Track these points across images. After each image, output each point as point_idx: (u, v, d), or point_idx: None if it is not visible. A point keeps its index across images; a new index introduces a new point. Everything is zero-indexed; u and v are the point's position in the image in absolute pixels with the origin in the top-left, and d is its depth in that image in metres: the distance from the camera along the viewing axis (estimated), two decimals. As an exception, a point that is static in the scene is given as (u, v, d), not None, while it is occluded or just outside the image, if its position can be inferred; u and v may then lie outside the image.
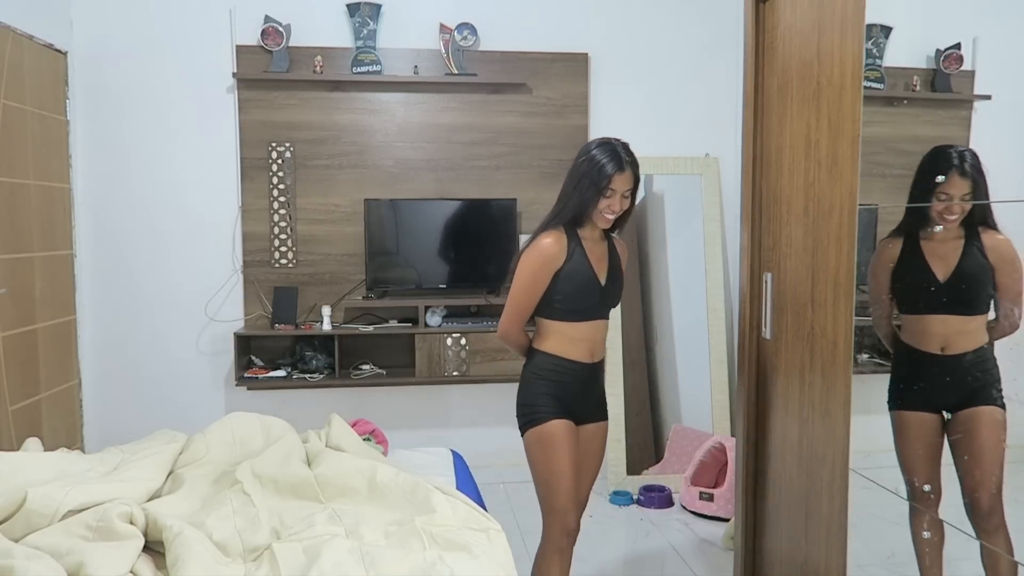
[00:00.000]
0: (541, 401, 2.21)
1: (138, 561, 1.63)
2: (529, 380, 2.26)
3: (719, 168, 4.10)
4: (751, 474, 2.66)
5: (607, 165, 2.13)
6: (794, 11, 2.32)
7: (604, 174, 2.13)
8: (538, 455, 2.21)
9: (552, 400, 2.21)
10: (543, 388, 2.22)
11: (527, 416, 2.24)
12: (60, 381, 3.64)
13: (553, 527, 2.22)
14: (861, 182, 2.00)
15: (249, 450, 2.27)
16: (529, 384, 2.25)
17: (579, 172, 2.17)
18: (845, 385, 2.07)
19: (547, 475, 2.20)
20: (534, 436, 2.22)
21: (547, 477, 2.20)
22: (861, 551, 2.11)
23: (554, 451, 2.18)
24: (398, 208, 3.90)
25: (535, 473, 2.24)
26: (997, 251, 1.93)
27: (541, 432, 2.20)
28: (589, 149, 2.19)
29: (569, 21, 4.04)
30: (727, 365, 4.02)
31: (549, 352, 2.23)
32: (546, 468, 2.19)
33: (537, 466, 2.22)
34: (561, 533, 2.21)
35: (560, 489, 2.18)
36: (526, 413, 2.24)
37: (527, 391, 2.26)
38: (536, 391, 2.23)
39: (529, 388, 2.25)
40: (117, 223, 3.87)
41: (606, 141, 2.19)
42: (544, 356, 2.24)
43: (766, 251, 2.55)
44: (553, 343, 2.23)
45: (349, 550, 1.66)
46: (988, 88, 2.17)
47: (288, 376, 3.79)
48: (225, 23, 3.83)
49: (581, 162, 2.18)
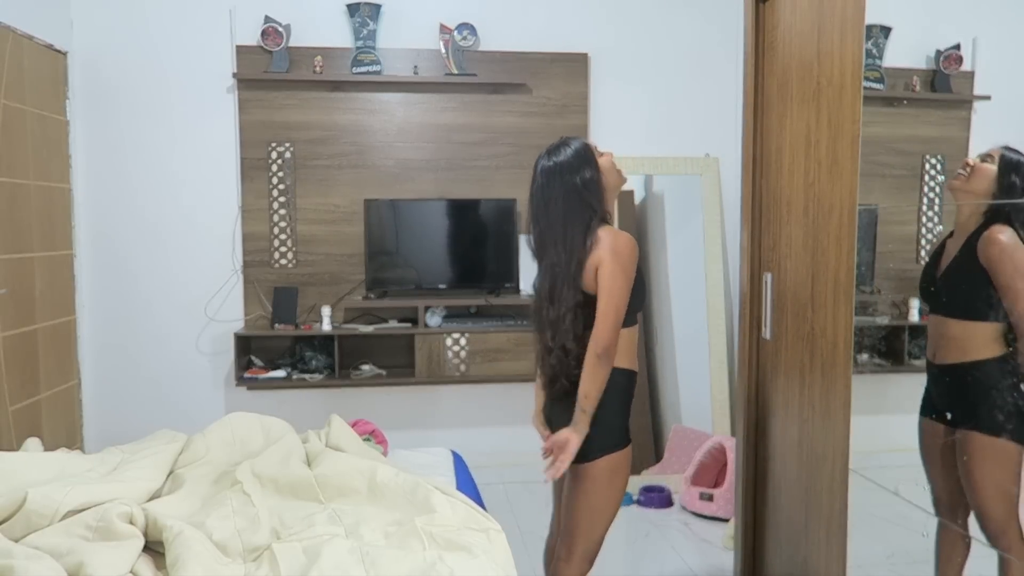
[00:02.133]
0: (622, 423, 2.04)
1: (138, 561, 1.63)
2: (609, 401, 2.00)
3: (719, 168, 4.10)
4: (751, 474, 2.66)
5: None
6: (794, 11, 2.32)
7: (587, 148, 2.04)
8: (617, 483, 2.03)
9: (627, 419, 2.06)
10: (623, 408, 2.05)
11: (617, 438, 2.02)
12: (60, 381, 3.64)
13: (579, 555, 2.07)
14: (861, 182, 2.00)
15: (249, 450, 2.27)
16: (611, 404, 2.01)
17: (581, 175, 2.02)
18: (845, 385, 2.07)
19: (617, 505, 2.07)
20: (624, 459, 2.04)
21: (616, 507, 2.07)
22: (861, 551, 2.11)
23: (627, 478, 2.07)
24: (398, 208, 3.90)
25: (605, 501, 2.04)
26: (985, 248, 1.80)
27: (625, 457, 2.03)
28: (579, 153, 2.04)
29: (569, 21, 4.04)
30: (727, 365, 4.02)
31: (622, 367, 2.02)
32: (622, 494, 2.06)
33: (613, 496, 2.04)
34: (586, 559, 2.09)
35: (616, 515, 2.09)
36: (613, 435, 2.02)
37: (612, 411, 2.02)
38: (620, 412, 2.04)
39: (612, 407, 2.02)
40: (117, 223, 3.87)
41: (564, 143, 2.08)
42: (618, 372, 2.00)
43: (766, 251, 2.55)
44: (622, 356, 2.01)
45: (349, 550, 1.66)
46: (988, 88, 2.18)
47: (288, 376, 3.79)
48: (225, 23, 3.83)
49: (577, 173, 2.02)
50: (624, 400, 2.05)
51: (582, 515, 2.04)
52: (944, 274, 1.96)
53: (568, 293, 1.97)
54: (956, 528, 1.99)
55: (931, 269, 2.04)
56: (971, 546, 1.97)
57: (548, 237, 2.02)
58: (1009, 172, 1.81)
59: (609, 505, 2.05)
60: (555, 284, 1.99)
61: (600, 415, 1.99)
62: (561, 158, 2.03)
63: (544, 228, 2.03)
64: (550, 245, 2.02)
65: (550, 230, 2.02)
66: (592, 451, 1.99)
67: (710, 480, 3.72)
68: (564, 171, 2.01)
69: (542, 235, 2.05)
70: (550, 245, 2.02)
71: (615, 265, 1.94)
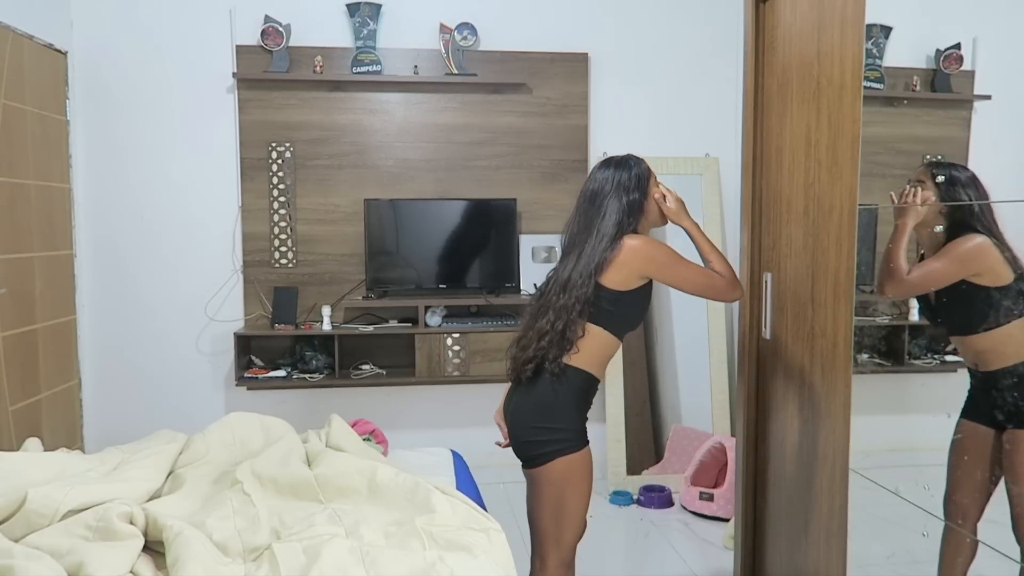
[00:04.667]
0: (578, 424, 2.05)
1: (138, 561, 1.63)
2: (570, 401, 2.03)
3: (719, 168, 4.10)
4: (751, 474, 2.66)
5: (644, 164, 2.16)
6: (794, 11, 2.32)
7: (646, 175, 2.14)
8: (578, 485, 2.03)
9: (583, 422, 2.08)
10: (580, 410, 2.06)
11: (572, 440, 2.02)
12: (60, 381, 3.64)
13: (553, 563, 2.08)
14: (861, 182, 2.00)
15: (249, 450, 2.27)
16: (571, 405, 2.04)
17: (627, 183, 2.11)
18: (845, 385, 2.07)
19: (583, 508, 2.06)
20: (581, 460, 2.02)
21: (582, 510, 2.06)
22: (861, 551, 2.11)
23: (590, 481, 2.07)
24: (398, 208, 3.90)
25: (566, 505, 2.03)
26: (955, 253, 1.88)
27: (583, 459, 2.03)
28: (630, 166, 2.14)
29: (569, 21, 4.04)
30: (727, 365, 4.02)
31: (588, 371, 2.04)
32: (586, 498, 2.06)
33: (576, 499, 2.04)
34: (561, 566, 2.09)
35: (583, 519, 2.09)
36: (569, 437, 2.02)
37: (570, 412, 2.04)
38: (580, 413, 2.06)
39: (571, 409, 2.04)
40: (117, 223, 3.87)
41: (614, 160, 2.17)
42: (583, 375, 2.03)
43: (766, 251, 2.55)
44: (594, 361, 2.05)
45: (349, 550, 1.66)
46: (988, 88, 2.17)
47: (288, 376, 3.79)
48: (225, 23, 3.83)
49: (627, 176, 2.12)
50: (581, 402, 2.05)
51: (547, 521, 2.04)
52: (938, 301, 1.98)
53: (585, 283, 2.01)
54: (964, 532, 1.99)
55: (923, 300, 2.07)
56: (977, 549, 1.96)
57: (584, 235, 2.08)
58: (948, 187, 1.92)
59: (574, 509, 2.03)
60: (572, 276, 2.03)
61: (555, 416, 2.01)
62: (624, 174, 2.11)
63: (582, 226, 2.10)
64: (580, 242, 2.08)
65: (589, 229, 2.08)
66: (547, 453, 2.00)
67: (710, 480, 3.72)
68: (621, 186, 2.09)
69: (578, 232, 2.11)
70: (580, 242, 2.08)
71: (655, 265, 2.06)
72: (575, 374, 2.02)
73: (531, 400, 2.05)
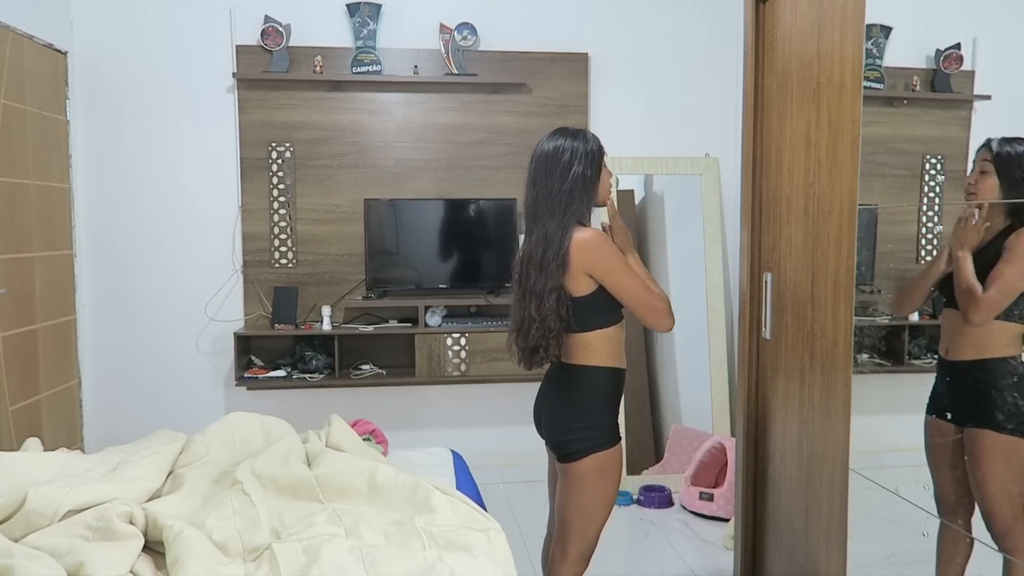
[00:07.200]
0: (609, 422, 2.03)
1: (138, 561, 1.63)
2: (600, 400, 2.03)
3: (719, 168, 4.10)
4: (751, 474, 2.66)
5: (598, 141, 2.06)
6: (794, 11, 2.32)
7: (601, 152, 2.05)
8: (608, 481, 2.03)
9: (615, 418, 2.06)
10: (611, 406, 2.04)
11: (604, 437, 2.01)
12: (60, 381, 3.64)
13: (574, 554, 2.07)
14: (861, 182, 2.00)
15: (249, 450, 2.27)
16: (602, 404, 2.03)
17: (574, 164, 2.00)
18: (845, 385, 2.07)
19: (609, 504, 2.06)
20: (613, 456, 2.02)
21: (608, 506, 2.06)
22: (861, 551, 2.11)
23: (619, 477, 2.06)
24: (398, 208, 3.90)
25: (597, 500, 2.03)
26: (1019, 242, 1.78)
27: (615, 455, 2.02)
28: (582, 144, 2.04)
29: (569, 21, 4.04)
30: (727, 365, 4.02)
31: (608, 366, 2.03)
32: (614, 492, 2.06)
33: (604, 495, 2.04)
34: (580, 559, 2.09)
35: (609, 513, 2.08)
36: (601, 435, 2.01)
37: (603, 411, 2.03)
38: (611, 409, 2.04)
39: (603, 408, 2.03)
40: (117, 223, 3.87)
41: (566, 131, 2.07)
42: (605, 372, 2.03)
43: (766, 251, 2.55)
44: (608, 355, 2.03)
45: (349, 550, 1.66)
46: (988, 88, 2.18)
47: (288, 376, 3.79)
48: (225, 23, 3.83)
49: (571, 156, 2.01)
50: (612, 399, 2.05)
51: (574, 515, 2.04)
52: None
53: (557, 267, 1.95)
54: (958, 529, 1.99)
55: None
56: (974, 546, 1.96)
57: (545, 206, 1.99)
58: (1011, 169, 1.83)
59: (601, 504, 2.04)
60: (546, 255, 1.96)
61: (587, 413, 2.02)
62: (582, 145, 2.01)
63: (542, 195, 2.00)
64: (546, 214, 1.98)
65: (549, 198, 1.98)
66: (580, 450, 2.00)
67: (710, 480, 3.72)
68: (581, 157, 2.00)
69: (537, 201, 2.01)
70: (546, 214, 1.98)
71: (601, 263, 1.96)
72: (598, 373, 2.02)
73: (563, 401, 2.05)
